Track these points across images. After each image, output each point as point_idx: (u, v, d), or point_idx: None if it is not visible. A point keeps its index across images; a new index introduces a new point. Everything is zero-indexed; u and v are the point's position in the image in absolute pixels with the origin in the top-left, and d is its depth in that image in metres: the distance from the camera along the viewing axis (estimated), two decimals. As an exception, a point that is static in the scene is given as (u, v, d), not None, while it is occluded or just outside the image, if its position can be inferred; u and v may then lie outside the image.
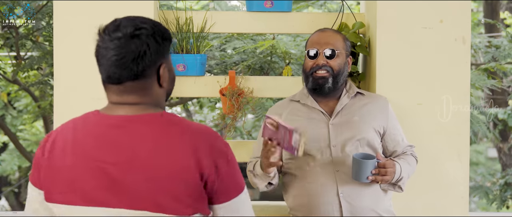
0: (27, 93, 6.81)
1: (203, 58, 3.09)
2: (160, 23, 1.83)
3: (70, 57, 2.97)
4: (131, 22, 1.71)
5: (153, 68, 1.71)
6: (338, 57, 2.60)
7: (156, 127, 1.67)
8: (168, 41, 1.74)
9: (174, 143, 1.64)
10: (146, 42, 1.68)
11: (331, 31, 2.68)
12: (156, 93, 1.74)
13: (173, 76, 1.81)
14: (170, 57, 1.79)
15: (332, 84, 2.60)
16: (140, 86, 1.71)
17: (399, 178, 2.51)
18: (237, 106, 3.03)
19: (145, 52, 1.68)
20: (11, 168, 8.50)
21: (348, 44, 2.68)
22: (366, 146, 2.58)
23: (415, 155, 2.69)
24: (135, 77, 1.70)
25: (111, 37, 1.71)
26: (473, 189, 6.42)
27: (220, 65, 4.23)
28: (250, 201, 1.76)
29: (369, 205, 2.53)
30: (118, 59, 1.69)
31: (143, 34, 1.69)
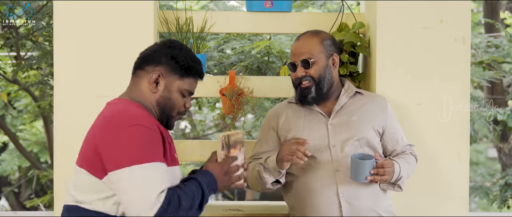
0: (27, 93, 6.80)
1: (203, 58, 3.09)
2: (195, 58, 2.18)
3: (70, 57, 2.97)
4: (177, 42, 2.19)
5: (151, 68, 2.12)
6: (316, 63, 2.57)
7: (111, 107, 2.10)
8: (180, 66, 2.13)
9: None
10: (161, 49, 2.14)
11: (306, 36, 2.63)
12: (142, 87, 2.13)
13: (170, 98, 2.14)
14: (179, 83, 2.14)
15: (316, 92, 2.58)
16: (137, 75, 2.15)
17: (398, 177, 2.51)
18: (237, 106, 3.03)
19: (154, 52, 2.13)
20: (11, 168, 8.49)
21: (327, 43, 2.60)
22: (366, 146, 2.58)
23: (414, 154, 2.68)
24: (139, 66, 2.15)
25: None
26: (473, 189, 6.42)
27: (218, 65, 4.23)
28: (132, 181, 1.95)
29: (369, 205, 2.53)
30: (143, 53, 2.20)
31: (168, 45, 2.16)
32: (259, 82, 3.14)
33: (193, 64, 2.15)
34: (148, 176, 1.93)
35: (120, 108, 2.06)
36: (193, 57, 2.16)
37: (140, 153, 1.95)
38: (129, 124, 1.98)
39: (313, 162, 2.56)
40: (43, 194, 8.08)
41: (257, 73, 4.21)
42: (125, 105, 2.09)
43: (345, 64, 3.02)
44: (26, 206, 7.81)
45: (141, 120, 2.00)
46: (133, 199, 1.92)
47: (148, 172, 1.94)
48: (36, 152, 8.42)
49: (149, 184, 1.92)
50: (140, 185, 1.92)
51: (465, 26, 2.98)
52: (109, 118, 2.03)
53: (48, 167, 7.81)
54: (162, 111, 2.15)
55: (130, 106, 2.08)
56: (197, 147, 3.23)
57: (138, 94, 2.15)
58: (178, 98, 2.16)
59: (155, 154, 1.98)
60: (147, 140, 1.98)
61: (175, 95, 2.15)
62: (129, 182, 1.93)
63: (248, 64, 4.06)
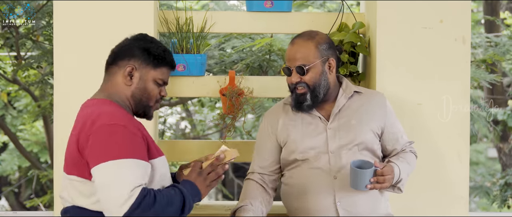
0: (27, 93, 6.80)
1: (203, 58, 3.09)
2: (166, 49, 2.26)
3: (70, 57, 2.97)
4: (146, 35, 2.29)
5: (124, 62, 2.20)
6: (311, 70, 2.51)
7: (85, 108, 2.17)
8: (153, 57, 2.21)
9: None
10: (132, 43, 2.22)
11: (301, 41, 2.54)
12: (117, 82, 2.20)
13: (146, 88, 2.22)
14: (153, 73, 2.22)
15: (311, 100, 2.53)
16: (110, 71, 2.23)
17: (398, 179, 2.49)
18: (237, 106, 3.03)
19: (125, 46, 2.22)
20: (11, 168, 8.49)
21: (323, 48, 2.53)
22: (365, 150, 2.55)
23: (414, 151, 2.66)
24: (112, 62, 2.23)
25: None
26: (473, 189, 6.42)
27: (219, 64, 4.23)
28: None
29: (367, 211, 2.52)
30: (114, 49, 2.26)
31: (137, 38, 2.25)
32: (259, 82, 3.14)
33: (164, 55, 2.24)
34: (123, 171, 1.99)
35: (95, 110, 2.11)
36: (165, 48, 2.25)
37: (117, 150, 2.01)
38: (107, 123, 2.04)
39: (311, 168, 2.54)
40: (43, 194, 8.08)
41: (258, 72, 4.21)
42: (99, 106, 2.14)
43: (345, 64, 3.02)
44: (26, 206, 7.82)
45: (118, 119, 2.07)
46: (107, 194, 1.98)
47: (124, 168, 2.00)
48: (36, 152, 8.42)
49: (123, 179, 1.98)
50: (114, 180, 1.98)
51: (465, 26, 2.98)
52: (87, 122, 2.09)
53: (48, 167, 7.81)
54: (138, 102, 2.23)
55: (103, 107, 2.13)
56: (197, 147, 3.23)
57: (112, 90, 2.22)
58: (153, 88, 2.24)
59: (133, 151, 2.04)
60: (124, 137, 2.04)
61: (150, 85, 2.23)
62: (104, 177, 1.99)
63: (249, 63, 4.06)
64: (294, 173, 2.59)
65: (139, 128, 2.13)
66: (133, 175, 2.00)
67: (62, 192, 2.18)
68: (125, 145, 2.03)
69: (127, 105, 2.23)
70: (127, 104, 2.22)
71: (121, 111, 2.15)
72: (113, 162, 1.99)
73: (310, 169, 2.54)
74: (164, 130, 7.53)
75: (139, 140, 2.08)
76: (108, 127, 2.04)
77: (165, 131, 7.59)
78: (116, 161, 1.99)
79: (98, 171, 2.01)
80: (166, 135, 7.61)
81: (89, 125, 2.06)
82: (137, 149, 2.06)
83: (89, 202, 2.10)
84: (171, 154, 3.21)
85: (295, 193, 2.58)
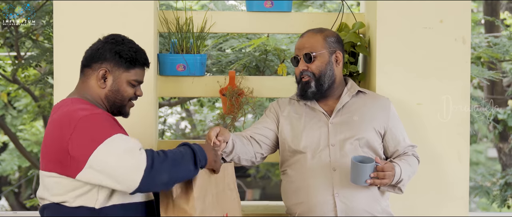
0: (27, 92, 6.80)
1: (203, 58, 3.09)
2: (140, 49, 2.29)
3: (70, 56, 2.96)
4: (117, 36, 2.30)
5: (97, 65, 2.24)
6: (317, 59, 2.59)
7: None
8: (124, 59, 2.23)
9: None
10: (103, 46, 2.24)
11: (311, 33, 2.66)
12: (91, 85, 2.25)
13: (119, 89, 2.25)
14: (126, 75, 2.25)
15: (316, 87, 2.59)
16: (85, 72, 2.27)
17: (399, 180, 2.49)
18: (237, 106, 3.03)
19: (97, 50, 2.24)
20: (11, 168, 8.49)
21: (331, 40, 2.63)
22: (365, 147, 2.57)
23: (416, 155, 2.67)
24: (87, 65, 2.27)
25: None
26: (473, 189, 6.42)
27: (216, 64, 4.24)
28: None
29: (365, 206, 2.53)
30: (88, 51, 2.30)
31: (107, 40, 2.27)
32: (259, 82, 3.14)
33: (136, 56, 2.26)
34: (119, 144, 2.05)
35: (71, 108, 2.15)
36: (136, 49, 2.28)
37: (103, 132, 2.06)
38: (85, 115, 2.09)
39: (311, 160, 2.56)
40: (43, 194, 8.06)
41: (255, 71, 4.21)
42: (74, 105, 2.17)
43: (345, 64, 3.02)
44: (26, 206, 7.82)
45: (90, 110, 2.12)
46: (117, 171, 2.03)
47: (118, 142, 2.05)
48: (36, 152, 8.41)
49: (123, 150, 2.04)
50: (116, 156, 2.03)
51: (465, 26, 2.98)
52: (65, 119, 2.11)
53: (48, 167, 7.80)
54: (112, 103, 2.28)
55: (78, 105, 2.17)
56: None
57: (87, 91, 2.27)
58: (127, 89, 2.28)
59: (115, 128, 2.10)
60: (103, 120, 2.10)
61: (123, 87, 2.27)
62: (105, 159, 2.03)
63: (246, 63, 4.06)
64: (295, 167, 2.60)
65: (113, 117, 2.20)
66: (129, 142, 2.06)
67: (40, 191, 2.22)
68: (109, 126, 2.09)
69: (101, 104, 2.27)
70: (101, 104, 2.27)
71: (94, 106, 2.21)
72: (105, 142, 2.04)
73: (310, 162, 2.56)
74: (164, 130, 7.53)
75: (115, 121, 2.17)
76: (87, 118, 2.08)
77: (165, 131, 7.59)
78: (107, 141, 2.04)
79: (96, 157, 2.03)
80: (166, 135, 7.61)
81: (68, 122, 2.09)
82: (119, 128, 2.16)
83: (70, 196, 2.12)
84: (171, 154, 3.21)
85: (295, 187, 2.59)
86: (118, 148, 2.04)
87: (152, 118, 2.96)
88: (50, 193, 2.15)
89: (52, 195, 2.14)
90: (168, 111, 8.01)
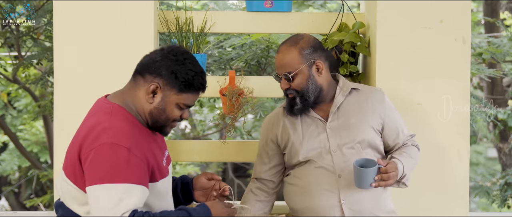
0: (27, 92, 6.80)
1: (203, 58, 3.09)
2: (197, 73, 2.12)
3: (70, 56, 2.97)
4: (183, 51, 2.14)
5: (151, 78, 2.10)
6: (297, 76, 2.52)
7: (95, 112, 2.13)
8: (180, 81, 2.08)
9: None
10: (163, 59, 2.09)
11: (285, 48, 2.54)
12: (138, 96, 2.12)
13: (165, 109, 2.12)
14: (176, 97, 2.11)
15: (302, 103, 2.55)
16: (136, 79, 2.13)
17: (403, 175, 2.50)
18: (237, 106, 3.03)
19: (155, 62, 2.10)
20: (11, 168, 8.48)
21: (307, 52, 2.52)
22: (367, 148, 2.55)
23: (415, 144, 2.65)
24: (140, 73, 2.12)
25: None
26: (473, 189, 6.42)
27: (218, 62, 4.23)
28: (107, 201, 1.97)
29: (371, 208, 2.53)
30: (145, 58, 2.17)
31: (168, 54, 2.11)
32: (259, 82, 3.14)
33: (194, 80, 2.11)
34: (115, 195, 1.96)
35: (104, 120, 2.05)
36: (195, 72, 2.12)
37: (114, 173, 1.97)
38: (110, 142, 1.99)
39: (315, 167, 2.55)
40: (43, 194, 8.08)
41: (257, 68, 4.20)
42: (111, 117, 2.07)
43: (345, 64, 3.02)
44: (26, 206, 7.81)
45: (122, 140, 2.01)
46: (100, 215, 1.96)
47: (117, 192, 1.96)
48: (36, 152, 8.41)
49: (118, 205, 1.95)
50: (105, 204, 1.95)
51: (465, 26, 2.98)
52: (92, 130, 2.04)
53: (48, 167, 7.81)
54: (155, 121, 2.15)
55: (114, 120, 2.06)
56: (197, 147, 3.23)
57: (133, 99, 2.14)
58: (173, 111, 2.14)
59: (130, 175, 1.99)
60: (125, 161, 1.99)
61: (170, 108, 2.13)
62: (97, 199, 1.97)
63: (247, 59, 4.05)
64: (298, 172, 2.59)
65: (143, 151, 2.07)
66: (128, 201, 1.97)
67: (58, 184, 2.18)
68: (124, 169, 1.98)
69: (142, 118, 2.15)
70: (142, 118, 2.15)
71: (131, 126, 2.09)
72: (105, 186, 1.96)
73: (314, 169, 2.55)
74: (164, 130, 7.51)
75: (139, 163, 2.03)
76: (110, 147, 1.99)
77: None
78: (107, 186, 1.97)
79: (92, 191, 1.98)
80: (166, 135, 7.59)
81: (92, 138, 2.01)
82: (138, 172, 2.02)
83: (82, 210, 2.08)
84: (171, 154, 3.21)
85: (299, 193, 2.58)
86: (108, 198, 1.96)
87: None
88: (65, 197, 2.12)
89: (68, 201, 2.11)
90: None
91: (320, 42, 2.60)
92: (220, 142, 3.14)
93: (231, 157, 3.29)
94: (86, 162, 2.00)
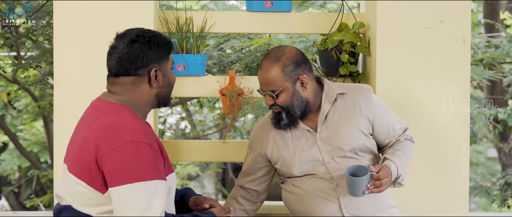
0: (27, 93, 6.80)
1: (203, 58, 3.09)
2: (161, 33, 2.21)
3: (70, 57, 2.97)
4: (136, 31, 2.15)
5: (145, 69, 2.13)
6: (281, 93, 2.48)
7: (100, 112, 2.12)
8: (164, 48, 2.17)
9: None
10: (141, 48, 2.12)
11: (267, 65, 2.48)
12: (142, 91, 2.15)
13: (169, 81, 2.21)
14: (168, 64, 2.20)
15: (288, 118, 2.52)
16: (125, 81, 2.14)
17: (398, 176, 2.48)
18: (237, 106, 3.03)
19: (137, 55, 2.12)
20: (11, 168, 8.48)
21: (290, 69, 2.46)
22: (360, 152, 2.53)
23: (409, 137, 2.61)
24: (128, 73, 2.13)
25: (118, 41, 2.16)
26: (473, 189, 6.42)
27: (218, 64, 4.23)
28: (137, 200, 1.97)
29: (373, 211, 2.52)
30: (119, 58, 2.13)
31: (140, 41, 2.12)
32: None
33: (167, 39, 2.20)
34: (146, 194, 1.97)
35: (117, 120, 2.06)
36: (158, 33, 2.20)
37: (143, 171, 1.98)
38: (132, 140, 2.00)
39: (312, 178, 2.53)
40: (43, 194, 8.08)
41: (257, 71, 4.21)
42: (121, 115, 2.09)
43: (345, 64, 3.02)
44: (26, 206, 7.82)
45: (143, 137, 2.03)
46: (130, 214, 1.96)
47: (150, 190, 1.98)
48: (36, 152, 8.41)
49: (147, 202, 1.96)
50: (138, 203, 1.96)
51: (465, 26, 2.98)
52: (108, 130, 2.03)
53: (48, 167, 7.82)
54: (163, 98, 2.20)
55: (125, 116, 2.08)
56: (197, 147, 3.23)
57: (135, 97, 2.15)
58: (172, 75, 2.24)
59: (158, 172, 2.02)
60: (150, 158, 2.01)
61: (171, 76, 2.23)
62: (127, 199, 1.96)
63: (247, 62, 4.05)
64: (296, 181, 2.58)
65: (159, 144, 2.11)
66: (160, 198, 1.99)
67: (59, 190, 2.14)
68: (149, 165, 2.00)
69: (143, 111, 2.18)
70: (143, 111, 2.18)
71: (140, 123, 2.11)
72: (136, 185, 1.97)
73: (311, 179, 2.53)
74: (164, 130, 7.53)
75: (160, 158, 2.06)
76: (134, 145, 2.00)
77: (165, 131, 7.59)
78: (138, 184, 1.97)
79: (120, 191, 1.97)
80: (166, 135, 7.61)
81: (111, 138, 2.00)
82: (160, 168, 2.05)
83: (95, 211, 2.06)
84: (171, 154, 3.21)
85: (299, 201, 2.57)
86: (141, 198, 1.96)
87: (152, 118, 2.96)
88: (75, 200, 2.08)
89: (78, 204, 2.08)
90: (168, 111, 8.01)
91: (302, 53, 2.54)
92: (220, 142, 3.14)
93: (231, 157, 3.28)
94: (109, 163, 1.99)
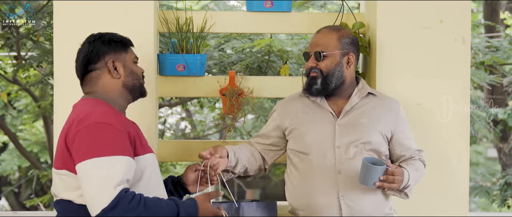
0: (27, 93, 6.80)
1: (203, 58, 3.09)
2: (115, 33, 2.36)
3: (70, 57, 2.95)
4: (94, 34, 2.34)
5: (102, 62, 2.28)
6: (327, 58, 2.57)
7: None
8: (119, 43, 2.32)
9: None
10: (92, 46, 2.29)
11: (326, 30, 2.65)
12: (106, 83, 2.28)
13: (132, 70, 2.32)
14: (127, 56, 2.33)
15: (321, 85, 2.58)
16: (90, 77, 2.30)
17: (406, 185, 2.50)
18: (237, 106, 3.03)
19: (91, 51, 2.28)
20: (11, 168, 8.48)
21: (345, 41, 2.61)
22: (371, 150, 2.56)
23: (423, 160, 2.66)
24: (86, 71, 2.30)
25: (80, 48, 2.35)
26: (473, 189, 6.42)
27: (218, 64, 4.23)
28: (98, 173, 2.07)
29: (370, 208, 2.53)
30: (80, 61, 2.33)
31: (91, 40, 2.31)
32: (259, 82, 3.14)
33: (121, 37, 2.35)
34: (109, 168, 2.06)
35: (86, 109, 2.19)
36: (116, 34, 2.36)
37: (100, 147, 2.08)
38: (96, 121, 2.12)
39: (316, 161, 2.56)
40: (43, 194, 8.08)
41: (257, 72, 4.20)
42: (92, 105, 2.21)
43: (345, 64, 3.02)
44: (26, 206, 7.81)
45: (108, 119, 2.14)
46: (87, 190, 2.06)
47: (110, 165, 2.07)
48: (36, 152, 8.41)
49: (108, 176, 2.05)
50: (99, 177, 2.05)
51: (465, 26, 2.98)
52: (76, 119, 2.17)
53: (48, 167, 7.81)
54: (132, 87, 2.32)
55: (96, 106, 2.21)
56: (197, 147, 3.23)
57: (103, 90, 2.29)
58: (136, 67, 2.35)
59: (120, 148, 2.11)
60: (111, 135, 2.12)
61: (133, 67, 2.34)
62: (89, 174, 2.06)
63: (248, 63, 4.05)
64: (299, 168, 2.60)
65: (126, 127, 2.19)
66: (114, 172, 2.06)
67: (52, 188, 2.29)
68: (110, 143, 2.10)
69: (119, 104, 2.30)
70: (119, 101, 2.30)
71: (113, 110, 2.23)
72: (97, 159, 2.07)
73: (315, 163, 2.56)
74: (164, 130, 7.53)
75: (124, 137, 2.15)
76: (95, 125, 2.12)
77: (165, 131, 7.59)
78: (99, 159, 2.07)
79: (81, 167, 2.08)
80: (166, 135, 7.61)
81: (77, 122, 2.15)
82: (122, 145, 2.13)
83: (75, 195, 2.17)
84: (171, 154, 3.21)
85: (299, 188, 2.59)
86: (97, 172, 2.06)
87: (152, 118, 2.96)
88: (59, 190, 2.22)
89: (61, 191, 2.21)
90: (168, 111, 8.01)
91: (358, 41, 2.70)
92: (220, 142, 3.14)
93: (231, 157, 3.28)
94: (74, 144, 2.12)
